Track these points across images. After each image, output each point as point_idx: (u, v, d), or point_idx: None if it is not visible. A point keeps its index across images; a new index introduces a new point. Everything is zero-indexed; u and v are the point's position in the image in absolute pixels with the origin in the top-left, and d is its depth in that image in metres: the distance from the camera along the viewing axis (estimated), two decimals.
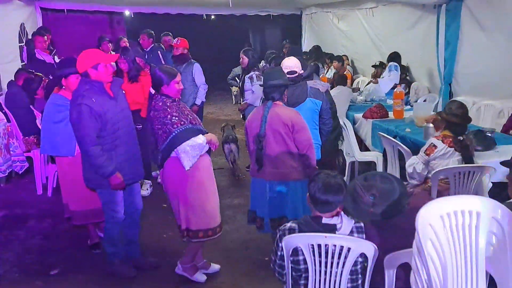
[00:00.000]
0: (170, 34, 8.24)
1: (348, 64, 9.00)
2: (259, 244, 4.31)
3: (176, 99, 3.57)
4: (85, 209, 4.12)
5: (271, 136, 3.63)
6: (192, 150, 3.44)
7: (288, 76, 3.93)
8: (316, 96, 4.18)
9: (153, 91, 3.65)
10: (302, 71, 4.29)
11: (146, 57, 6.92)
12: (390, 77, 6.94)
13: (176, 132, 3.41)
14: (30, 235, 4.71)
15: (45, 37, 7.06)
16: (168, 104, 3.49)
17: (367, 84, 7.77)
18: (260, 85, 3.97)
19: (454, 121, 3.94)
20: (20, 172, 5.87)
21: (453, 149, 3.90)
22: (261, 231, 3.84)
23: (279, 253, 2.60)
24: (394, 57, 7.25)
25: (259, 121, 3.64)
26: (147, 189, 5.66)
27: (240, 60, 6.20)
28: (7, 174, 5.60)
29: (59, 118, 3.97)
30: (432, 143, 3.96)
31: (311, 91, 4.17)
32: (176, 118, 3.44)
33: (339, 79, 6.64)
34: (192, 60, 6.35)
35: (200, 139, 3.49)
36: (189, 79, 6.13)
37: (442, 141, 3.92)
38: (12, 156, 5.63)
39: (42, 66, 6.76)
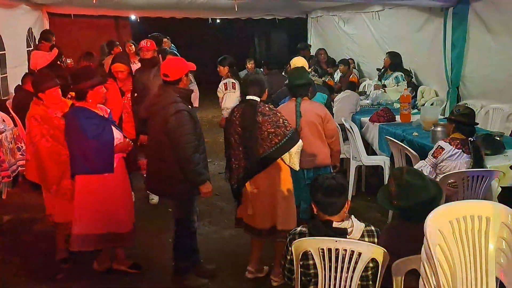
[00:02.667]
0: (167, 37, 8.09)
1: (354, 68, 8.97)
2: (266, 248, 4.28)
3: None
4: (100, 232, 3.74)
5: (306, 127, 4.04)
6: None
7: None
8: (322, 90, 4.69)
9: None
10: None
11: None
12: (398, 88, 6.92)
13: (290, 134, 3.50)
14: (36, 239, 4.70)
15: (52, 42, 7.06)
16: (273, 107, 3.66)
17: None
18: (285, 84, 4.39)
19: (463, 121, 3.95)
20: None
21: (460, 150, 3.88)
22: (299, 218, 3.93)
23: (288, 257, 2.59)
24: (393, 56, 7.22)
25: (293, 117, 3.93)
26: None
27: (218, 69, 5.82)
28: (12, 178, 5.60)
29: (96, 132, 3.57)
30: (439, 145, 3.98)
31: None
32: (287, 121, 3.55)
33: (349, 85, 6.64)
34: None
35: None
36: None
37: (450, 143, 3.92)
38: (19, 161, 5.64)
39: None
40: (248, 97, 3.59)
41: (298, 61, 4.89)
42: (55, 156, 3.81)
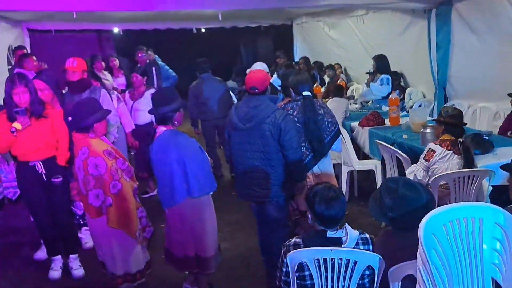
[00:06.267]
0: (144, 48, 7.82)
1: (342, 73, 9.01)
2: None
3: None
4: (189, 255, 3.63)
5: None
6: None
7: None
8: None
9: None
10: None
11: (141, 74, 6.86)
12: (381, 89, 6.96)
13: (337, 122, 4.28)
14: (25, 263, 4.58)
15: (33, 57, 6.86)
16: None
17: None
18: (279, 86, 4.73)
19: (452, 122, 3.97)
20: (13, 199, 5.73)
21: (451, 151, 3.90)
22: None
23: (284, 269, 2.56)
24: (379, 59, 7.26)
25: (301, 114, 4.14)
26: None
27: None
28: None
29: (200, 155, 3.52)
30: (430, 148, 3.99)
31: None
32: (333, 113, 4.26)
33: (336, 91, 6.64)
34: (95, 85, 5.05)
35: None
36: None
37: (440, 145, 3.93)
38: (4, 183, 5.51)
39: None
40: (304, 93, 4.10)
41: (256, 66, 5.61)
42: (131, 193, 3.56)
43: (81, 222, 4.73)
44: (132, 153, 6.42)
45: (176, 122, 3.49)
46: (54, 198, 4.10)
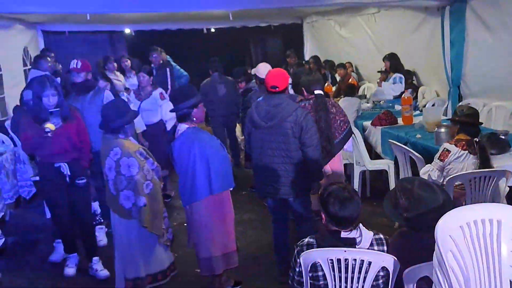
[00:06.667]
0: (157, 48, 7.79)
1: (353, 71, 8.94)
2: (271, 260, 4.23)
3: None
4: (224, 252, 3.71)
5: None
6: None
7: None
8: None
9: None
10: None
11: (155, 74, 6.86)
12: (394, 87, 6.90)
13: (348, 121, 4.33)
14: (41, 260, 4.65)
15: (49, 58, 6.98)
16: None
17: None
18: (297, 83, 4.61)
19: (468, 122, 3.91)
20: (27, 198, 5.82)
21: (467, 151, 3.83)
22: None
23: (297, 269, 2.54)
24: (392, 57, 7.21)
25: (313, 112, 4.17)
26: None
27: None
28: (15, 200, 5.55)
29: (222, 152, 3.63)
30: (445, 148, 3.92)
31: None
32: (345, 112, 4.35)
33: (347, 90, 6.59)
34: (100, 86, 5.13)
35: None
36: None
37: (455, 145, 3.87)
38: (19, 182, 5.59)
39: None
40: (316, 92, 4.16)
41: (260, 67, 5.54)
42: (160, 193, 3.65)
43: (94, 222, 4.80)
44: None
45: (194, 119, 3.55)
46: (77, 199, 4.13)
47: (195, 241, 3.68)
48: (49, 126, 3.74)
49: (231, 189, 3.72)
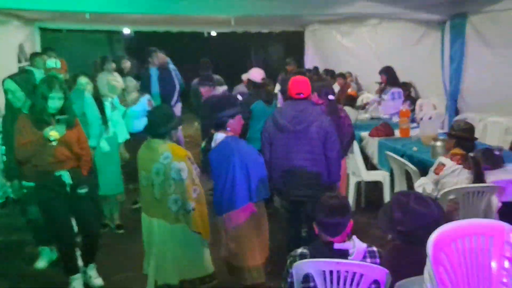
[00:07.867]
0: (157, 50, 7.58)
1: (352, 81, 8.97)
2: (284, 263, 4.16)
3: None
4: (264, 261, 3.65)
5: None
6: None
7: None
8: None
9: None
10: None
11: (158, 74, 6.78)
12: (394, 105, 6.92)
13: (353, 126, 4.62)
14: (27, 262, 4.55)
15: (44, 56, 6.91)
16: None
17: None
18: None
19: (464, 136, 3.93)
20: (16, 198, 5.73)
21: (461, 166, 3.85)
22: None
23: (289, 280, 2.52)
24: (388, 70, 7.22)
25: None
26: None
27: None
28: (5, 200, 5.46)
29: (260, 161, 3.61)
30: (440, 161, 3.93)
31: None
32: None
33: (347, 100, 6.61)
34: (81, 87, 4.79)
35: None
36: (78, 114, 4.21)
37: (451, 159, 3.88)
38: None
39: None
40: (330, 97, 4.36)
41: (252, 71, 5.78)
42: (204, 198, 3.60)
43: None
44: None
45: (228, 128, 3.49)
46: (82, 209, 3.89)
47: (235, 251, 3.57)
48: (53, 134, 3.43)
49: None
